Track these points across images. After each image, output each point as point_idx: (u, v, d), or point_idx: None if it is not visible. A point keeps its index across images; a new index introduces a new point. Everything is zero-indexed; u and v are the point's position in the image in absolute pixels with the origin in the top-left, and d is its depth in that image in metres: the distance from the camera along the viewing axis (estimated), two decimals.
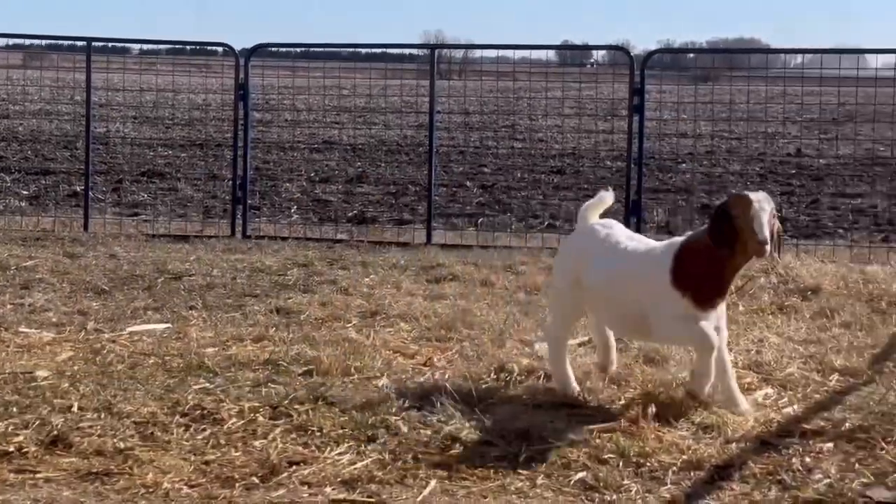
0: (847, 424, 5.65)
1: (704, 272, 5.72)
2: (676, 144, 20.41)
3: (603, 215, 6.48)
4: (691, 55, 25.90)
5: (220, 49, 14.76)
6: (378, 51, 17.63)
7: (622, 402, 6.04)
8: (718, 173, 18.14)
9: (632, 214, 11.83)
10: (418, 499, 4.88)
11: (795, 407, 5.99)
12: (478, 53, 18.96)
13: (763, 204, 5.59)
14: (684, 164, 19.14)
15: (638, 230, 11.68)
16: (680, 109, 21.19)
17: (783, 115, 21.24)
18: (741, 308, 8.42)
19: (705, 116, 19.36)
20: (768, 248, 5.55)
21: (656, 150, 19.19)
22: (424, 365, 6.84)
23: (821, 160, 19.67)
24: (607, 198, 6.39)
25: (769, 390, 6.31)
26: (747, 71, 16.13)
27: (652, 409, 5.84)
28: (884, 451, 5.29)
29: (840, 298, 8.70)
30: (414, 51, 19.36)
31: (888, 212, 14.46)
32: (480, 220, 14.07)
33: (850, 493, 4.83)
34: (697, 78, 23.18)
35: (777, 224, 5.71)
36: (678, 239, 5.98)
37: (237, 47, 12.97)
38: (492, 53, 14.68)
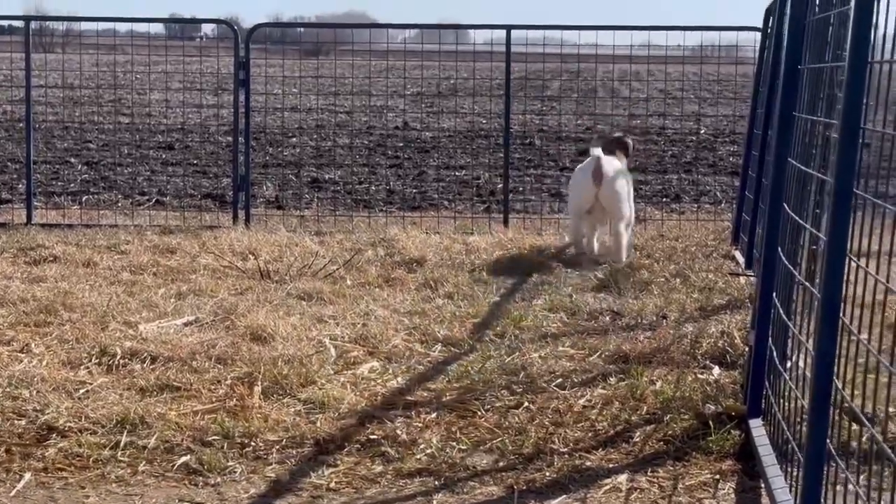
0: (448, 394, 5.78)
1: None
2: (286, 118, 20.40)
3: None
4: (300, 29, 25.94)
5: None
6: None
7: (228, 381, 5.94)
8: (328, 147, 18.26)
9: (240, 190, 11.72)
10: (11, 493, 4.63)
11: (400, 379, 6.07)
12: (82, 26, 18.24)
13: None
14: (294, 138, 19.18)
15: (247, 206, 11.65)
16: (289, 83, 21.22)
17: (390, 88, 21.60)
18: (349, 282, 8.48)
19: (314, 90, 19.44)
20: None
21: (266, 124, 19.13)
22: (21, 352, 6.51)
23: (427, 133, 20.15)
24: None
25: (375, 363, 6.36)
26: (355, 45, 16.24)
27: (258, 388, 5.81)
28: (483, 419, 5.43)
29: (444, 269, 8.91)
30: (11, 22, 18.46)
31: (490, 183, 14.94)
32: (85, 197, 13.59)
33: (450, 462, 4.93)
34: (307, 52, 23.24)
35: None
36: None
37: None
38: (95, 26, 14.16)
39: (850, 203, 3.68)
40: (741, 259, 9.37)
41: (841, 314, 3.71)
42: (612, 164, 9.65)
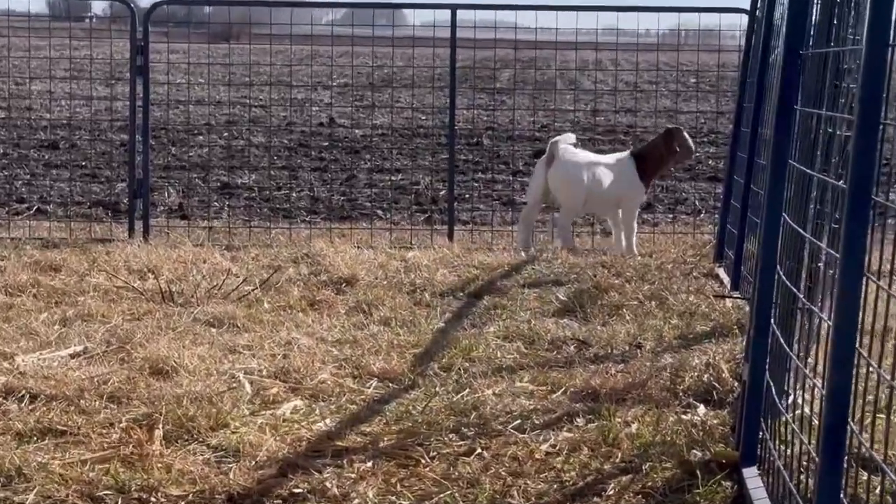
0: (387, 439, 5.67)
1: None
2: (191, 113, 20.24)
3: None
4: (207, 9, 25.77)
5: None
6: None
7: (123, 424, 5.79)
8: (241, 146, 18.13)
9: (138, 196, 11.56)
10: None
11: (328, 421, 5.95)
12: None
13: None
14: (201, 136, 19.03)
15: (146, 216, 11.49)
16: (195, 72, 21.06)
17: (314, 79, 21.52)
18: (266, 305, 8.36)
19: (224, 80, 19.33)
20: None
21: (168, 119, 18.97)
22: None
23: (356, 131, 20.07)
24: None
25: (298, 402, 6.25)
26: (272, 28, 16.14)
27: (159, 432, 5.67)
28: (428, 469, 5.32)
29: (379, 290, 8.81)
30: None
31: (431, 189, 14.87)
32: None
33: None
34: (216, 35, 23.10)
35: None
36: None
37: None
38: None
39: (868, 213, 3.61)
40: (726, 278, 9.34)
41: (857, 344, 3.64)
42: (571, 152, 10.92)
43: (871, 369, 3.72)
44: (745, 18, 10.73)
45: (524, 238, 11.05)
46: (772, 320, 5.08)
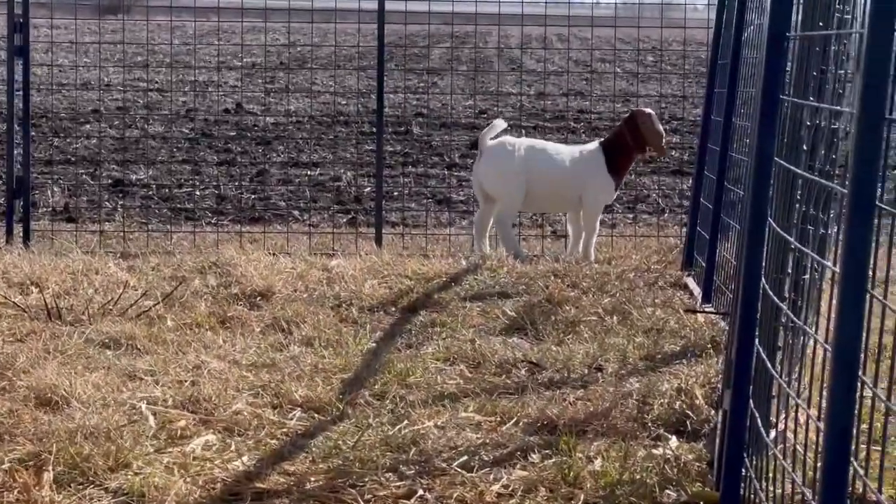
0: (314, 479, 5.65)
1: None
2: (77, 98, 20.12)
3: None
4: None
5: None
6: None
7: (5, 465, 5.74)
8: (135, 137, 18.03)
9: (16, 196, 11.47)
10: None
11: (246, 458, 5.91)
12: None
13: None
14: (88, 125, 18.91)
15: (26, 218, 11.40)
16: (81, 52, 20.94)
17: (218, 58, 21.44)
18: (170, 323, 8.31)
19: (114, 60, 19.20)
20: None
21: (50, 106, 18.85)
22: None
23: (268, 118, 20.01)
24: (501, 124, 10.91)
25: (210, 437, 6.21)
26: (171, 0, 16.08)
27: (49, 474, 5.63)
28: None
29: (298, 305, 8.78)
30: None
31: (354, 185, 14.84)
32: None
33: None
34: (105, 8, 23.01)
35: None
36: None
37: None
38: None
39: (872, 220, 3.61)
40: (697, 289, 9.38)
41: (860, 371, 3.65)
42: (502, 142, 11.00)
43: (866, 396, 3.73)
44: None
45: (481, 243, 11.08)
46: (756, 340, 5.08)
